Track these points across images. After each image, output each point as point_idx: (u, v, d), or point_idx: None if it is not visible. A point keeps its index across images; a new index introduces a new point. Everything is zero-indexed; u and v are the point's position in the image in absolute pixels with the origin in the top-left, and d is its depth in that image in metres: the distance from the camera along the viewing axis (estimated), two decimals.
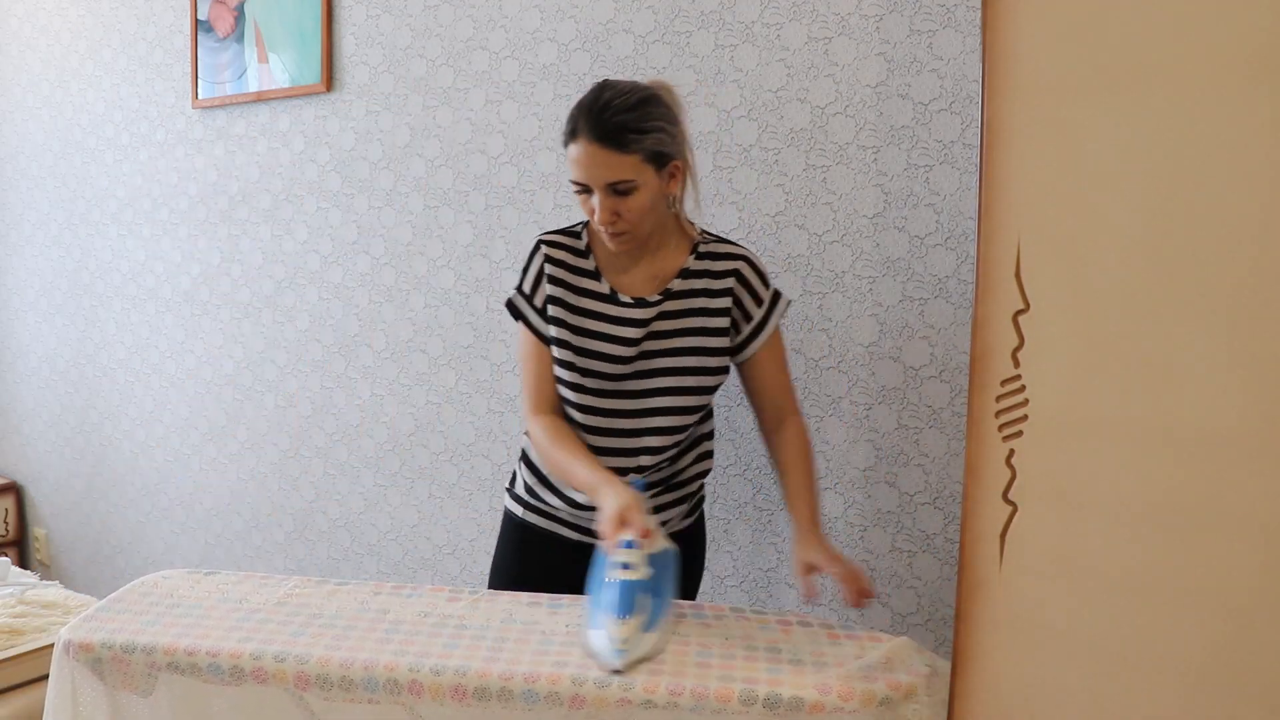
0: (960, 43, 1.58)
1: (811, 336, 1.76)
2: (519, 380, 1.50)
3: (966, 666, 1.04)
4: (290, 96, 2.45)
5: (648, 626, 1.17)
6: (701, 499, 1.65)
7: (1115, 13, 0.91)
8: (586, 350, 1.45)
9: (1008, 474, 0.99)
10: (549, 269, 1.47)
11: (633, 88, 1.36)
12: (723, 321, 1.46)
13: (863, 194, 1.69)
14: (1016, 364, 0.98)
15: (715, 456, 1.89)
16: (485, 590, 1.39)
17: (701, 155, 1.84)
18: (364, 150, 2.34)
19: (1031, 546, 0.99)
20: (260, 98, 2.51)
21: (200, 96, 2.64)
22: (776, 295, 1.49)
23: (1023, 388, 0.98)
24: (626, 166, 1.33)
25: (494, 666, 1.13)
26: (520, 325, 1.51)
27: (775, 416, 1.51)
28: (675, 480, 1.56)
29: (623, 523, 1.22)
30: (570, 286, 1.47)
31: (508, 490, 1.65)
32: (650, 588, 1.20)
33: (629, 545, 1.20)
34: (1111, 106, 0.92)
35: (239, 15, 2.52)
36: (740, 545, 1.88)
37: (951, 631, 1.30)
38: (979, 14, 1.02)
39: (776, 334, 1.49)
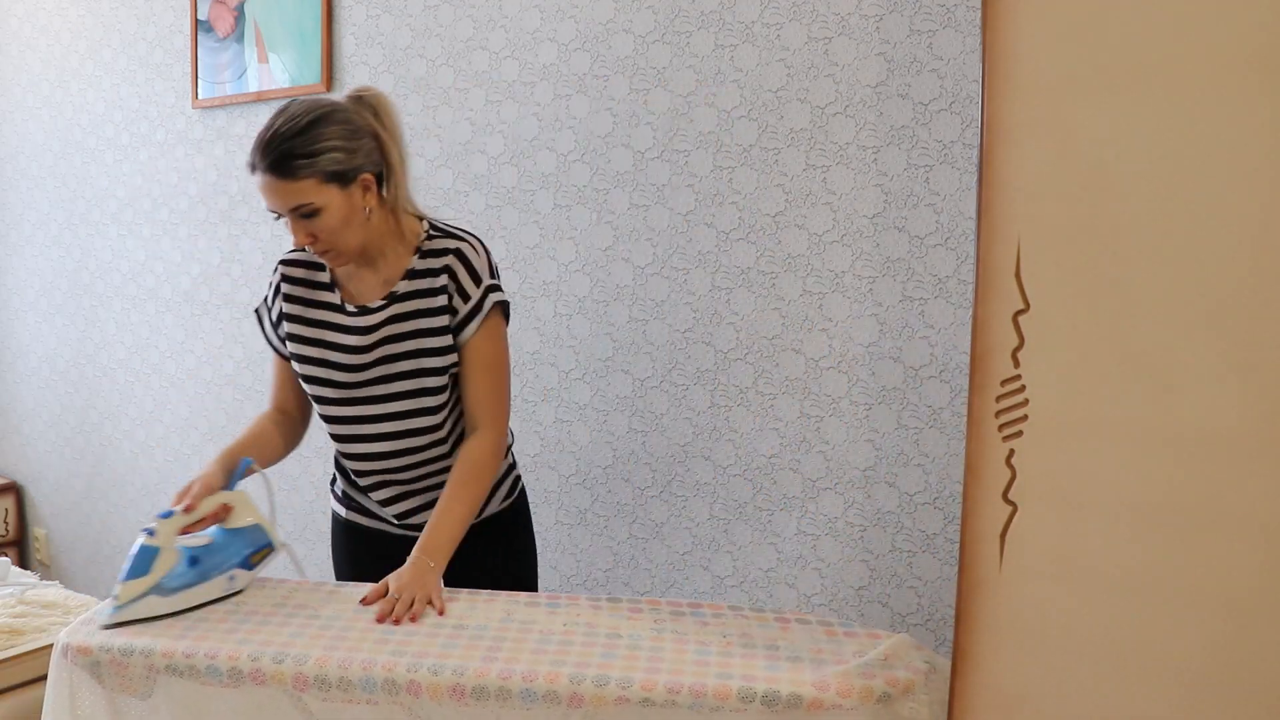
0: (960, 43, 1.58)
1: (811, 336, 1.76)
2: None
3: (966, 666, 1.04)
4: (290, 96, 2.45)
5: (160, 590, 1.27)
6: (515, 480, 1.67)
7: (1115, 13, 0.91)
8: (318, 360, 1.49)
9: (1008, 474, 0.99)
10: (285, 287, 1.52)
11: (309, 108, 1.36)
12: (441, 320, 1.45)
13: (863, 194, 1.69)
14: (1016, 364, 0.98)
15: (715, 456, 1.89)
16: (484, 591, 1.39)
17: (701, 155, 1.84)
18: None
19: (1031, 546, 0.99)
20: (260, 98, 2.51)
21: (200, 96, 2.64)
22: (487, 293, 1.46)
23: (1023, 388, 0.98)
24: (302, 191, 1.35)
25: (492, 666, 1.13)
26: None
27: (469, 426, 1.50)
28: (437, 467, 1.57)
29: (183, 495, 1.34)
30: (306, 301, 1.51)
31: (331, 489, 1.69)
32: (193, 556, 1.31)
33: (165, 515, 1.31)
34: (1111, 106, 0.92)
35: (239, 15, 2.52)
36: (740, 545, 1.88)
37: (951, 631, 1.30)
38: (979, 14, 1.02)
39: (484, 338, 1.46)
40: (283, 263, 1.55)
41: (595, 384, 2.02)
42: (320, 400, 1.52)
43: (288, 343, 1.52)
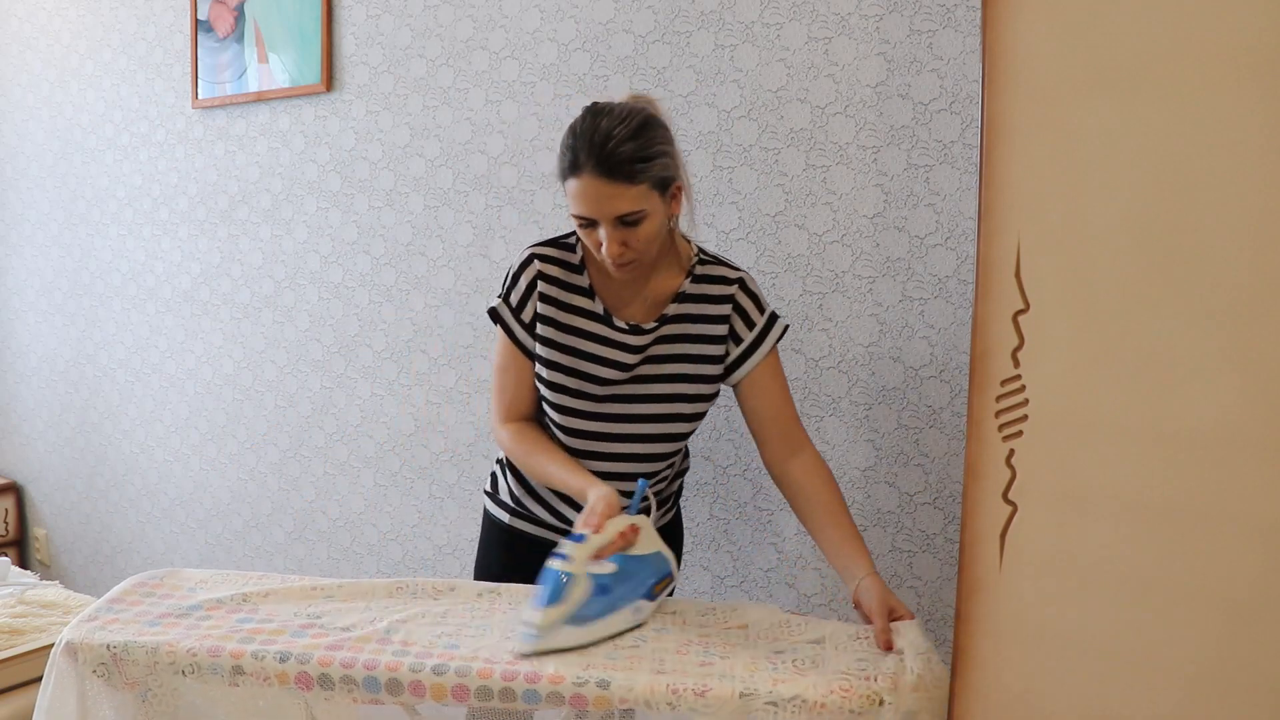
0: (960, 43, 1.58)
1: (811, 336, 1.76)
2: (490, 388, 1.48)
3: (966, 666, 1.04)
4: (290, 96, 2.45)
5: (575, 620, 1.18)
6: (679, 493, 1.64)
7: (1115, 13, 0.91)
8: (570, 369, 1.42)
9: (1008, 474, 0.99)
10: (541, 286, 1.42)
11: (630, 111, 1.30)
12: (717, 349, 1.42)
13: (863, 194, 1.69)
14: (1016, 364, 0.98)
15: (715, 456, 1.89)
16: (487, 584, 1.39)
17: (701, 155, 1.84)
18: (364, 150, 2.34)
19: (1031, 546, 0.99)
20: (260, 98, 2.51)
21: (200, 96, 2.64)
22: (773, 318, 1.45)
23: (1023, 388, 0.98)
24: (635, 197, 1.27)
25: (496, 666, 1.13)
26: (500, 334, 1.47)
27: (786, 445, 1.43)
28: (662, 492, 1.55)
29: (589, 517, 1.25)
30: (561, 304, 1.43)
31: (488, 494, 1.63)
32: (602, 584, 1.20)
33: (576, 539, 1.21)
34: (1111, 106, 0.92)
35: (239, 15, 2.52)
36: (740, 545, 1.88)
37: (951, 631, 1.29)
38: (979, 14, 1.03)
39: (774, 358, 1.44)
40: (538, 258, 1.43)
41: None
42: (563, 410, 1.44)
43: (539, 346, 1.43)
